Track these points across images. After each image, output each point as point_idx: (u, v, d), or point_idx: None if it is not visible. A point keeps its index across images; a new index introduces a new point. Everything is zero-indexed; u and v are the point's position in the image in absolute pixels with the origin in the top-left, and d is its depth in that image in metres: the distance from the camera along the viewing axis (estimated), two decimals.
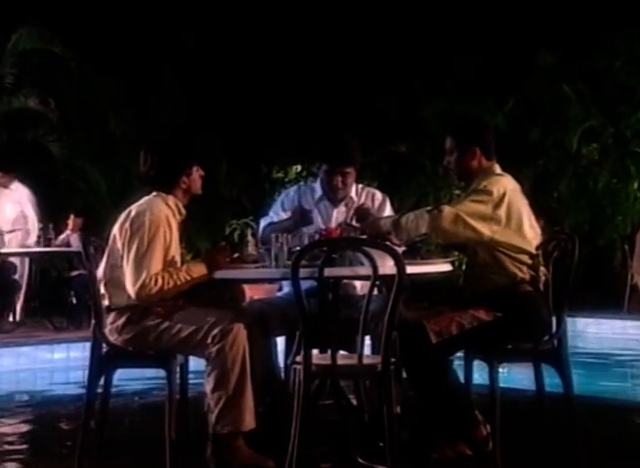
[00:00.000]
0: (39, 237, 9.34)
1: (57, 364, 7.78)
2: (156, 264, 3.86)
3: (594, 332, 9.40)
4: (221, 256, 3.99)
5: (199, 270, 3.93)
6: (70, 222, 9.76)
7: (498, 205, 3.89)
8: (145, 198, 4.07)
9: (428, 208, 3.97)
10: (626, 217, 11.10)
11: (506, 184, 3.99)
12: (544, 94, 11.55)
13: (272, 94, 12.57)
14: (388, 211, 4.65)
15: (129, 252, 3.88)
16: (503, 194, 3.92)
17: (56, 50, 10.99)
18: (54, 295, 10.00)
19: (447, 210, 3.86)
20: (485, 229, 3.88)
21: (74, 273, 9.40)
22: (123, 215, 4.00)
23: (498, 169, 4.10)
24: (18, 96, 10.97)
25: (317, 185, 4.69)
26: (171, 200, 4.04)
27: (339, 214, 4.62)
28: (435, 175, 12.37)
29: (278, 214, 4.64)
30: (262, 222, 4.64)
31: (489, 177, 4.00)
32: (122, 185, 11.52)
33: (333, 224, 4.52)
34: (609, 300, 10.77)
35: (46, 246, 9.41)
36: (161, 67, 12.47)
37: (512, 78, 11.52)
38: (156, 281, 3.84)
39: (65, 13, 11.36)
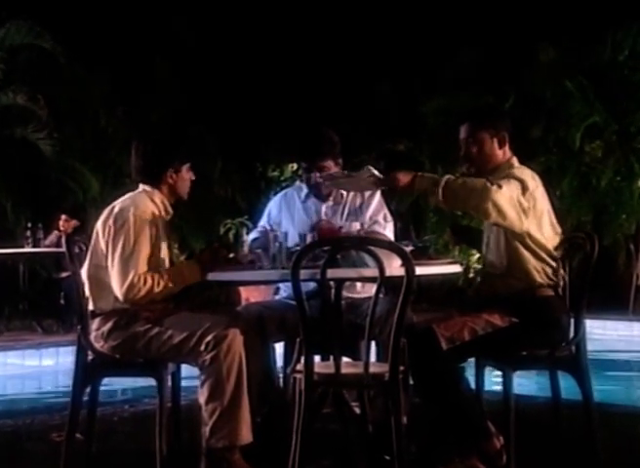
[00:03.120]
0: (27, 237, 9.18)
1: (45, 369, 7.55)
2: (144, 263, 3.64)
3: (599, 335, 9.19)
4: (216, 258, 3.76)
5: (191, 271, 3.72)
6: (61, 223, 9.58)
7: (529, 197, 3.60)
8: (130, 194, 3.84)
9: (482, 180, 3.58)
10: (631, 216, 10.95)
11: (533, 177, 3.71)
12: (546, 89, 11.36)
13: (268, 91, 12.41)
14: (377, 199, 4.41)
15: (114, 251, 3.65)
16: (533, 187, 3.64)
17: (45, 45, 10.81)
18: (43, 297, 9.82)
19: (504, 187, 3.50)
20: (523, 219, 3.59)
21: (64, 274, 9.19)
22: (106, 212, 3.77)
23: (516, 162, 3.84)
24: (6, 92, 10.80)
25: (304, 184, 4.51)
26: (157, 196, 3.81)
27: (327, 209, 4.41)
28: (434, 174, 12.17)
29: (264, 226, 4.45)
30: (251, 236, 4.39)
31: (513, 169, 3.71)
32: (114, 184, 11.38)
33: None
34: (613, 301, 10.57)
35: (35, 246, 9.26)
36: (154, 64, 12.29)
37: (513, 73, 11.33)
38: (145, 281, 3.60)
39: (55, 7, 11.14)
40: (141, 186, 3.86)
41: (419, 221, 11.68)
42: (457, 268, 3.85)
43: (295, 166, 12.67)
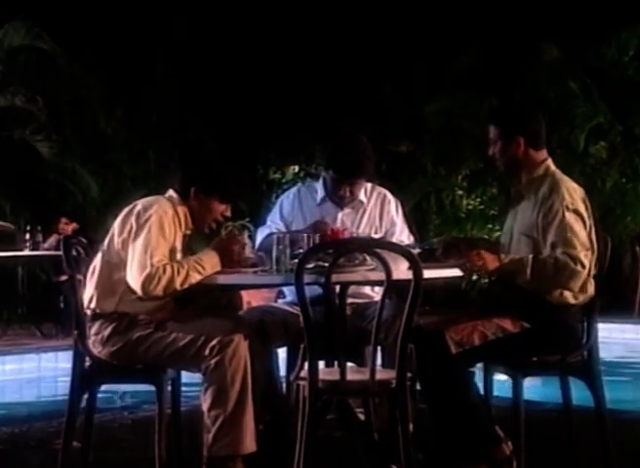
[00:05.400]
0: (26, 240, 9.10)
1: (44, 374, 7.45)
2: (164, 255, 3.51)
3: (604, 338, 9.09)
4: (236, 247, 3.63)
5: (211, 260, 3.57)
6: (60, 225, 9.50)
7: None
8: (154, 196, 3.74)
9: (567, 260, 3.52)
10: (636, 218, 10.88)
11: (582, 198, 3.68)
12: (550, 90, 11.27)
13: (269, 92, 12.32)
14: (402, 218, 4.33)
15: (134, 245, 3.52)
16: (583, 210, 3.64)
17: (44, 46, 10.73)
18: (42, 301, 9.74)
19: (584, 259, 3.52)
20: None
21: (63, 278, 9.08)
22: (126, 210, 3.66)
23: (551, 163, 3.74)
24: (5, 93, 10.73)
25: (319, 185, 4.34)
26: (181, 209, 3.70)
27: (344, 217, 4.27)
28: (437, 176, 12.13)
29: (276, 222, 4.30)
30: (260, 233, 4.25)
31: (554, 182, 3.63)
32: (113, 186, 11.30)
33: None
34: (618, 304, 10.47)
35: (34, 249, 9.18)
36: (153, 66, 12.21)
37: (516, 74, 11.23)
38: (164, 270, 3.47)
39: (54, 8, 11.06)
40: (170, 192, 3.76)
41: (421, 223, 11.59)
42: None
43: (296, 168, 12.59)
